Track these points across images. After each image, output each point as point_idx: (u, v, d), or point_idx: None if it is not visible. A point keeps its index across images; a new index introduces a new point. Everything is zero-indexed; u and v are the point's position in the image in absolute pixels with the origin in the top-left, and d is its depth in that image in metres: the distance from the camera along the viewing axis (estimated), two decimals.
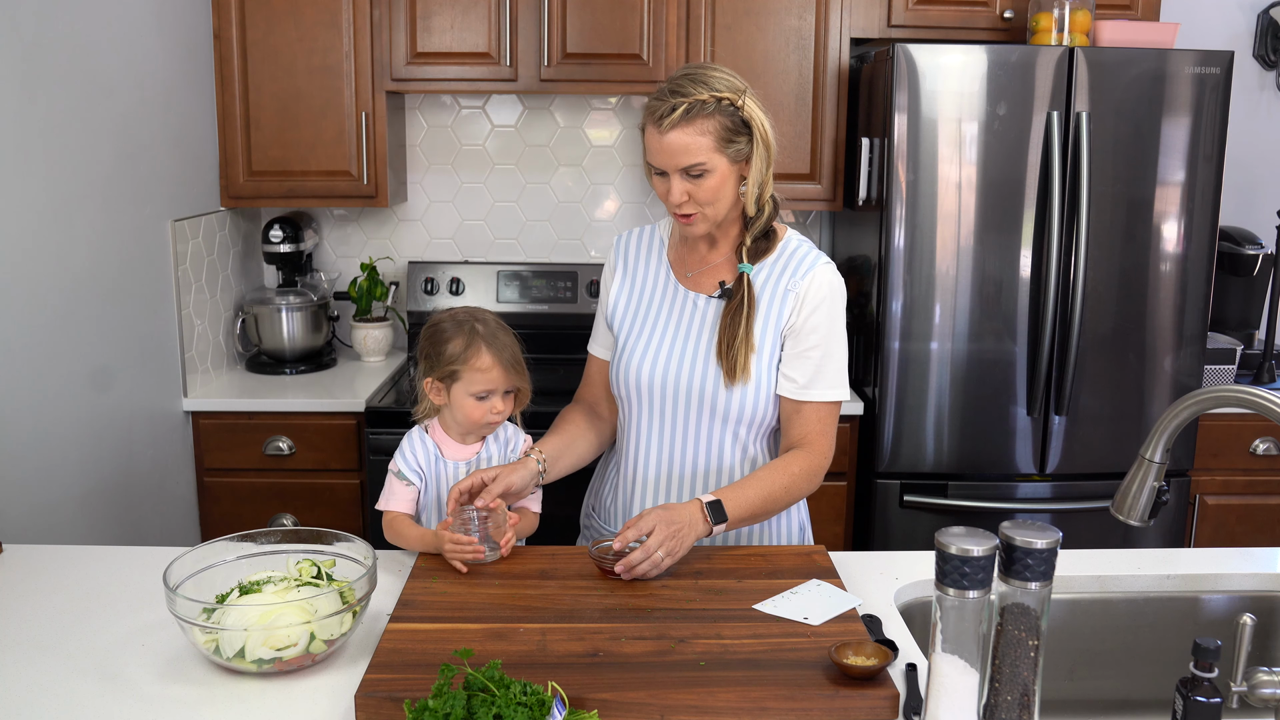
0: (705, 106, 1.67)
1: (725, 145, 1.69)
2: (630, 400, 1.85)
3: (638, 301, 1.88)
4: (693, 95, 1.67)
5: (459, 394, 1.77)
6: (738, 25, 3.02)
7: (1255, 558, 1.82)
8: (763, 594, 1.55)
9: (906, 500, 2.86)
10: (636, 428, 1.86)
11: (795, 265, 1.81)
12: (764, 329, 1.79)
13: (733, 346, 1.76)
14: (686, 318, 1.83)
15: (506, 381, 1.77)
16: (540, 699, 1.19)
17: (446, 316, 1.82)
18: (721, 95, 1.68)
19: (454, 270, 3.36)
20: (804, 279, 1.79)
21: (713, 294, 1.82)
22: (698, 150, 1.68)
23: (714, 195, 1.71)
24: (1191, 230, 2.80)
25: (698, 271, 1.85)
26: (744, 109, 1.70)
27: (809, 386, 1.79)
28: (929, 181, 2.74)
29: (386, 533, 1.77)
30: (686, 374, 1.79)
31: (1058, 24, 2.85)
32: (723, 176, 1.71)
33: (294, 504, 2.92)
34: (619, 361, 1.86)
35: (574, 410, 1.95)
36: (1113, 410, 2.86)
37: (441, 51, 3.02)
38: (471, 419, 1.77)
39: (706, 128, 1.68)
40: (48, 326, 2.22)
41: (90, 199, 2.38)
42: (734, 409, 1.79)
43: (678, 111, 1.67)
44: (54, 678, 1.37)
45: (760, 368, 1.78)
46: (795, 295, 1.78)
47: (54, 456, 2.24)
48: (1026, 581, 1.13)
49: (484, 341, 1.76)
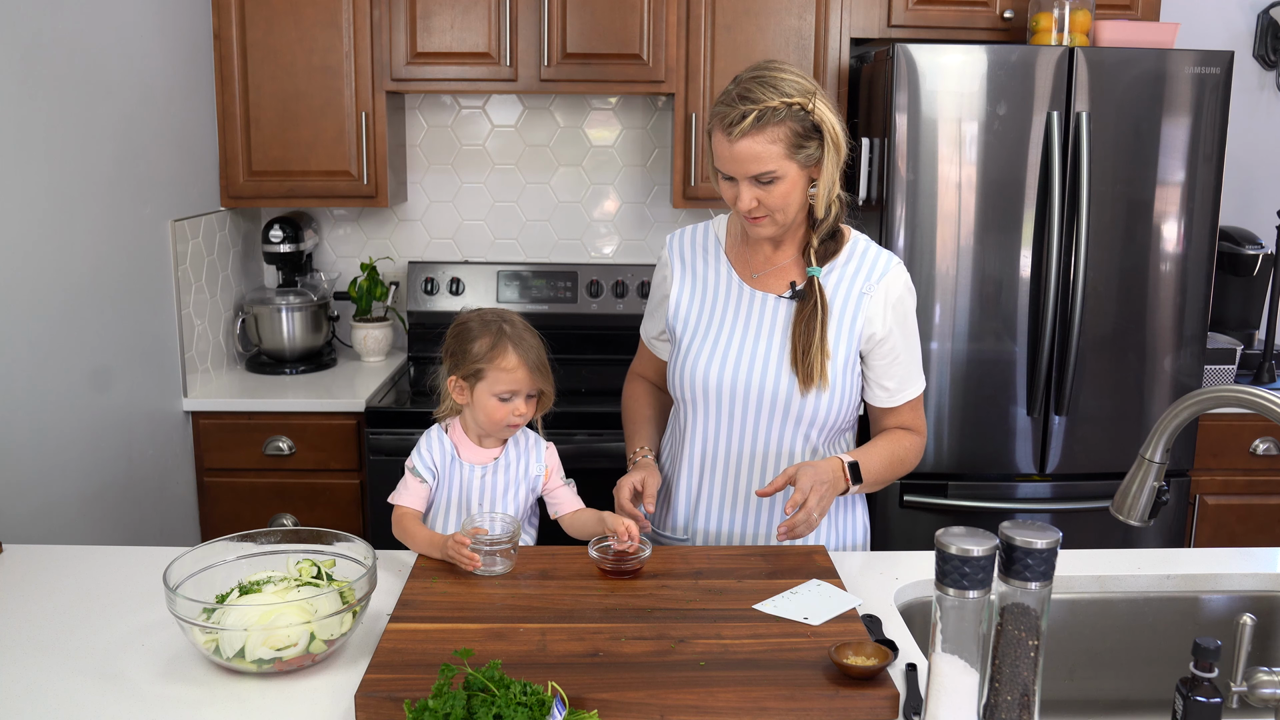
0: (776, 113, 1.62)
1: (796, 151, 1.64)
2: (695, 402, 1.81)
3: (701, 301, 1.83)
4: (763, 102, 1.61)
5: (482, 393, 1.75)
6: (738, 25, 3.02)
7: (1255, 558, 1.82)
8: (763, 594, 1.55)
9: (906, 500, 2.86)
10: (702, 429, 1.82)
11: (869, 267, 1.78)
12: (838, 333, 1.76)
13: (808, 353, 1.72)
14: (756, 318, 1.79)
15: (530, 383, 1.75)
16: (540, 699, 1.19)
17: (474, 315, 1.80)
18: (793, 100, 1.63)
19: (454, 270, 3.36)
20: (879, 283, 1.76)
21: (783, 294, 1.78)
22: (769, 159, 1.63)
23: (784, 201, 1.68)
24: (1191, 230, 2.80)
25: (764, 272, 1.81)
26: (814, 112, 1.64)
27: (900, 390, 1.80)
28: (929, 181, 2.74)
29: (395, 528, 1.75)
30: (759, 377, 1.76)
31: (1058, 24, 2.85)
32: (793, 183, 1.67)
33: (294, 504, 2.92)
34: (683, 363, 1.81)
35: (641, 389, 2.00)
36: (1113, 410, 2.86)
37: (441, 51, 3.02)
38: (494, 419, 1.76)
39: (777, 135, 1.63)
40: (48, 326, 2.22)
41: (90, 199, 2.38)
42: (808, 413, 1.76)
43: (748, 119, 1.61)
44: (54, 678, 1.37)
45: (836, 372, 1.75)
46: (872, 299, 1.75)
47: (54, 457, 2.24)
48: (1026, 581, 1.13)
49: (511, 342, 1.74)
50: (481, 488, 1.79)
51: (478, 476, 1.79)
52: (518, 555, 1.66)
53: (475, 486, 1.79)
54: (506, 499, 1.80)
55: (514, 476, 1.80)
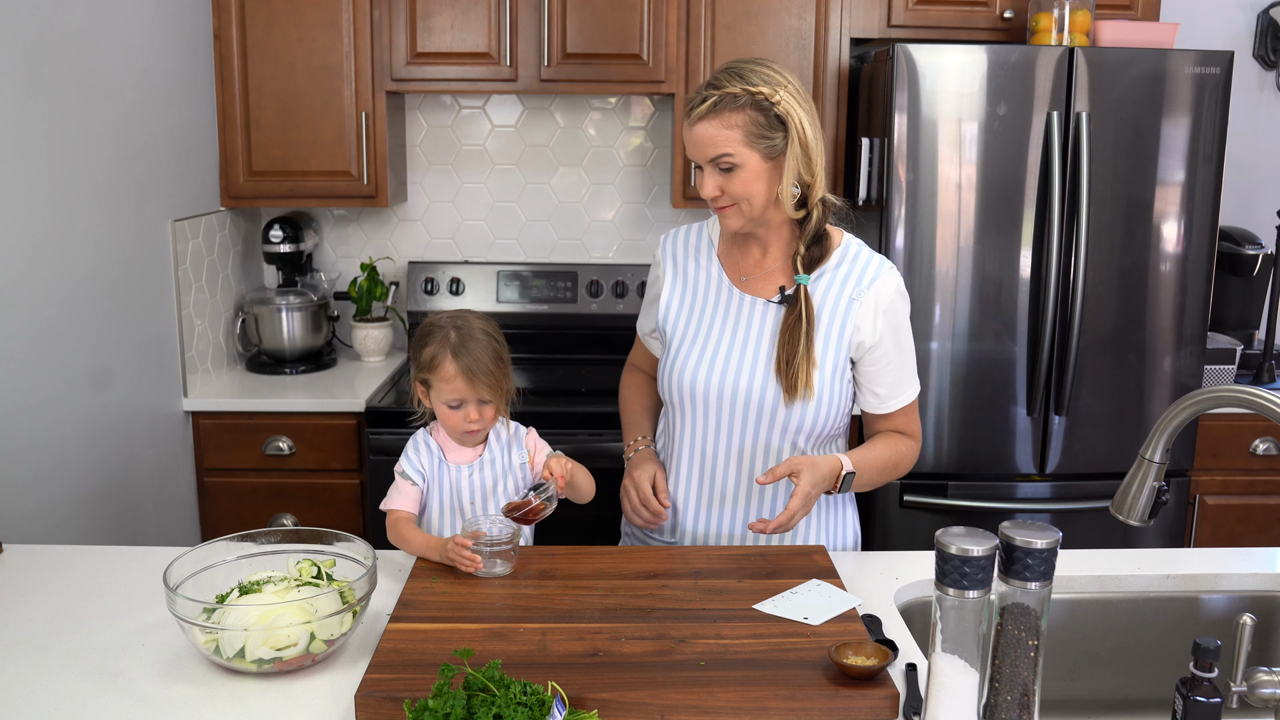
0: (736, 99, 1.64)
1: (757, 140, 1.65)
2: (684, 406, 1.80)
3: (690, 303, 1.83)
4: (724, 88, 1.64)
5: (435, 401, 1.76)
6: (738, 25, 3.02)
7: (1255, 558, 1.82)
8: (763, 594, 1.55)
9: (906, 500, 2.86)
10: (690, 433, 1.81)
11: (860, 272, 1.76)
12: (827, 340, 1.74)
13: (793, 363, 1.71)
14: (744, 323, 1.78)
15: (471, 393, 1.72)
16: (540, 699, 1.19)
17: (433, 320, 1.79)
18: (755, 90, 1.64)
19: (454, 270, 3.36)
20: (869, 288, 1.75)
21: (772, 299, 1.77)
22: (724, 142, 1.65)
23: (746, 190, 1.67)
24: (1191, 230, 2.80)
25: (753, 276, 1.80)
26: (779, 104, 1.65)
27: (892, 396, 1.79)
28: (929, 181, 2.74)
29: (390, 534, 1.74)
30: (745, 384, 1.75)
31: (1058, 24, 2.85)
32: (755, 172, 1.67)
33: (294, 504, 2.92)
34: (670, 367, 1.81)
35: (638, 380, 2.01)
36: (1113, 410, 2.87)
37: (441, 51, 3.02)
38: (450, 426, 1.76)
39: (734, 121, 1.64)
40: (48, 326, 2.22)
41: (90, 199, 2.38)
42: (794, 422, 1.75)
43: (706, 104, 1.65)
44: (54, 678, 1.36)
45: (823, 382, 1.74)
46: (862, 306, 1.74)
47: (54, 456, 2.24)
48: (1026, 581, 1.13)
49: (450, 350, 1.72)
50: (470, 487, 1.79)
51: (465, 476, 1.79)
52: (518, 556, 1.67)
53: (464, 486, 1.79)
54: (497, 494, 1.79)
55: (500, 470, 1.80)
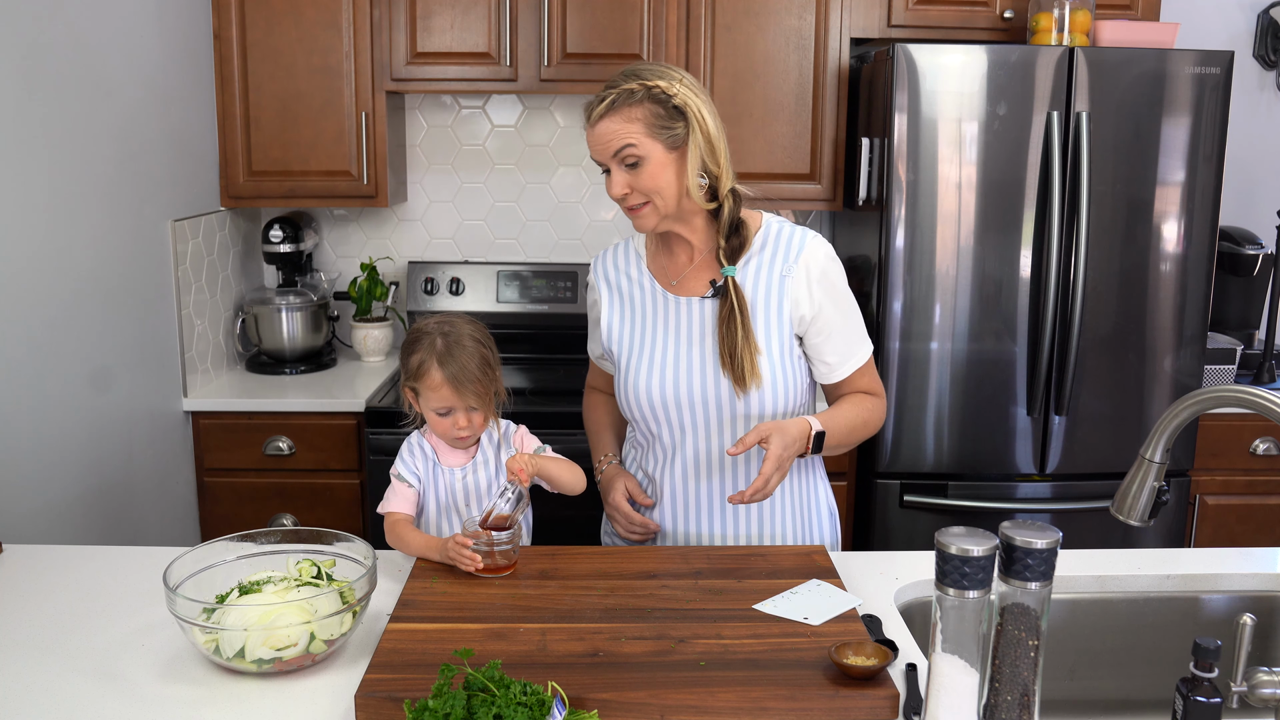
0: (633, 94, 1.66)
1: (658, 131, 1.66)
2: (646, 419, 1.82)
3: (631, 319, 1.84)
4: (620, 86, 1.67)
5: (424, 407, 1.77)
6: (738, 25, 3.02)
7: (1255, 558, 1.82)
8: (763, 594, 1.55)
9: (906, 500, 2.86)
10: (657, 442, 1.83)
11: (785, 248, 1.77)
12: (768, 323, 1.75)
13: (736, 354, 1.72)
14: (684, 325, 1.79)
15: (459, 401, 1.72)
16: (540, 699, 1.19)
17: (421, 326, 1.79)
18: (651, 84, 1.66)
19: (454, 270, 3.36)
20: (798, 261, 1.76)
21: (705, 294, 1.78)
22: (625, 134, 1.66)
23: (655, 183, 1.68)
24: (1191, 230, 2.80)
25: (683, 278, 1.81)
26: (676, 96, 1.67)
27: (844, 361, 1.80)
28: (929, 181, 2.74)
29: (389, 537, 1.75)
30: (698, 386, 1.76)
31: (1058, 24, 2.85)
32: (660, 163, 1.68)
33: (294, 504, 2.92)
34: (625, 384, 1.82)
35: (598, 400, 2.03)
36: (1113, 410, 2.87)
37: (441, 51, 3.02)
38: (438, 431, 1.77)
39: (633, 115, 1.66)
40: (48, 326, 2.22)
41: (90, 199, 2.38)
42: (753, 411, 1.76)
43: (604, 102, 1.67)
44: (54, 678, 1.37)
45: (772, 366, 1.75)
46: (794, 280, 1.75)
47: (54, 457, 2.24)
48: (1026, 581, 1.13)
49: (436, 359, 1.72)
50: (465, 488, 1.79)
51: (459, 478, 1.79)
52: (518, 556, 1.67)
53: (459, 488, 1.79)
54: (492, 494, 1.79)
55: (494, 470, 1.81)
